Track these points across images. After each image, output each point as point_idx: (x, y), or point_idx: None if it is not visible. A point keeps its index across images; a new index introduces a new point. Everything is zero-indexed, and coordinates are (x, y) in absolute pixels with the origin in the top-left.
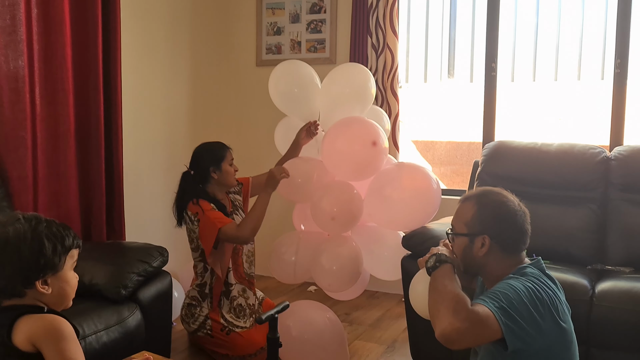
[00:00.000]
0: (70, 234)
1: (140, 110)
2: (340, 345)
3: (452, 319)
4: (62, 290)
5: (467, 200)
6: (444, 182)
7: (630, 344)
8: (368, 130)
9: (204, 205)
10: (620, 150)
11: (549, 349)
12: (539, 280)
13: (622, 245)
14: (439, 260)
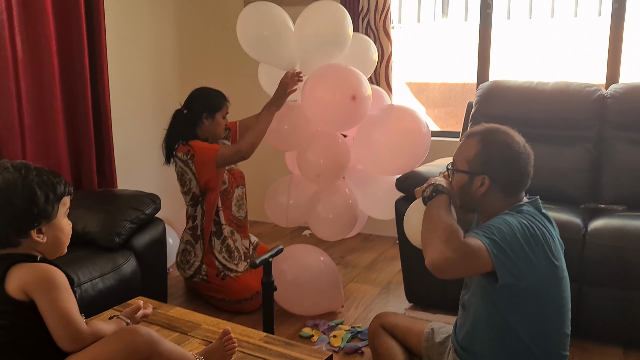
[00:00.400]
0: (61, 181)
1: (125, 54)
2: (335, 288)
3: (443, 248)
4: (57, 238)
5: (471, 136)
6: (438, 124)
7: (621, 281)
8: (347, 82)
9: (194, 144)
10: (616, 88)
11: (539, 285)
12: (534, 218)
13: (616, 184)
14: (435, 190)
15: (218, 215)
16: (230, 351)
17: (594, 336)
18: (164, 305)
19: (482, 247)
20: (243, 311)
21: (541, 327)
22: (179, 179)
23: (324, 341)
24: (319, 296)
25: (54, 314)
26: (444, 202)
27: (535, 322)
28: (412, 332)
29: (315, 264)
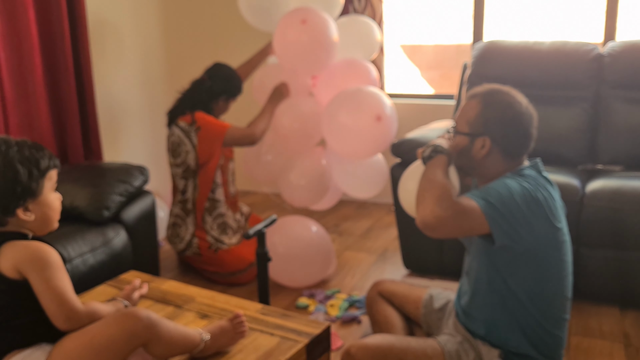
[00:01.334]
0: (44, 155)
1: (107, 20)
2: (328, 256)
3: (434, 206)
4: (45, 214)
5: (473, 97)
6: (433, 86)
7: (618, 242)
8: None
9: (200, 116)
10: (613, 46)
11: (539, 248)
12: (535, 181)
13: (613, 144)
14: (435, 150)
15: (214, 192)
16: (240, 333)
17: (591, 297)
18: (157, 279)
19: (475, 207)
20: (237, 283)
21: (541, 290)
22: (173, 150)
23: (321, 310)
24: (312, 267)
25: (48, 293)
26: (442, 162)
27: (536, 285)
28: (409, 299)
29: (307, 235)
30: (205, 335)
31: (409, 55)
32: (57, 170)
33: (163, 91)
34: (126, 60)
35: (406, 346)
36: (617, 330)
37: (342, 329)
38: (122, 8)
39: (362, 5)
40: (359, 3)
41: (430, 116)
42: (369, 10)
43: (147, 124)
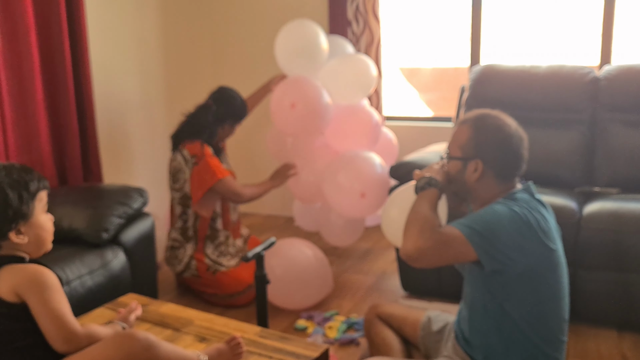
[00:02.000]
0: (33, 177)
1: (108, 43)
2: (325, 279)
3: (416, 237)
4: (38, 236)
5: (463, 123)
6: (431, 108)
7: (616, 264)
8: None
9: (207, 152)
10: (609, 70)
11: (533, 271)
12: (527, 204)
13: (610, 166)
14: (428, 183)
15: (215, 222)
16: (238, 355)
17: (589, 319)
18: (155, 302)
19: (457, 235)
20: (235, 305)
21: (538, 313)
22: (173, 174)
23: (319, 333)
24: (309, 289)
25: (47, 315)
26: (432, 195)
27: (532, 307)
28: (408, 321)
29: (305, 258)
30: (203, 357)
31: (408, 77)
32: (47, 191)
33: (163, 113)
34: (126, 82)
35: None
36: (615, 352)
37: (340, 351)
38: (123, 31)
39: (360, 28)
40: (357, 26)
41: (429, 138)
42: (367, 33)
43: (147, 146)
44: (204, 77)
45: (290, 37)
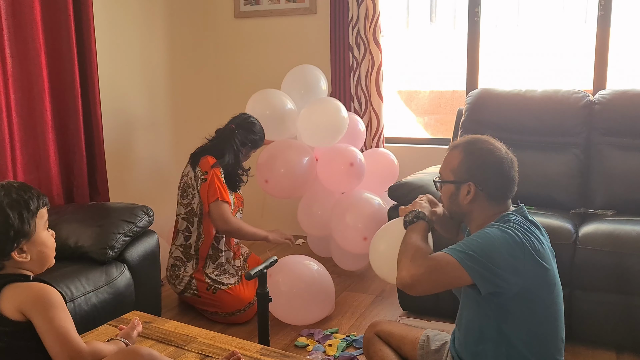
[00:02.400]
0: (33, 195)
1: (116, 67)
2: (329, 297)
3: (409, 266)
4: (41, 253)
5: (454, 148)
6: (428, 131)
7: (612, 285)
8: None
9: (217, 173)
10: (603, 94)
11: (529, 291)
12: (520, 226)
13: (605, 189)
14: (417, 216)
15: (218, 243)
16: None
17: (586, 340)
18: (158, 319)
19: (450, 260)
20: (237, 322)
21: (535, 333)
22: (183, 189)
23: (319, 350)
24: (313, 306)
25: (51, 333)
26: (421, 227)
27: (529, 328)
28: (406, 340)
29: (309, 274)
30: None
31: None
32: (47, 207)
33: (168, 134)
34: (134, 103)
35: None
36: None
37: None
38: (131, 53)
39: (361, 53)
40: (358, 52)
41: (427, 160)
42: (368, 57)
43: (153, 165)
44: (209, 99)
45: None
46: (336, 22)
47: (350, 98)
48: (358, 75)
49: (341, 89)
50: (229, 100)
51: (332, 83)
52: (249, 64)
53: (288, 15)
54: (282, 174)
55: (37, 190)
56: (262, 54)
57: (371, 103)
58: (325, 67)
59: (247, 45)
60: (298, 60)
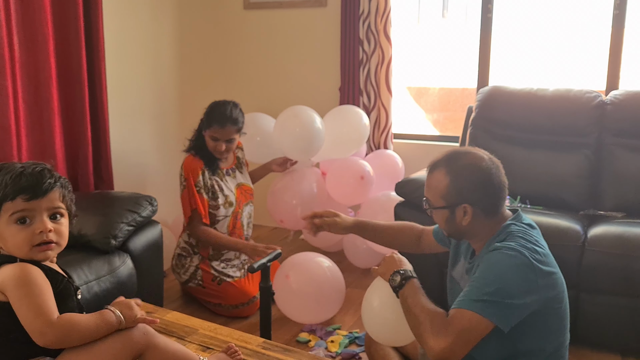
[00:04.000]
0: (1, 186)
1: (123, 55)
2: (339, 296)
3: (435, 340)
4: (5, 246)
5: (435, 169)
6: (437, 128)
7: (619, 288)
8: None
9: (193, 176)
10: (616, 95)
11: (544, 305)
12: (523, 238)
13: (615, 191)
14: (404, 278)
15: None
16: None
17: (592, 343)
18: (160, 310)
19: (471, 317)
20: (240, 316)
21: (545, 342)
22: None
23: (321, 346)
24: (325, 306)
25: (23, 309)
26: (415, 287)
27: (540, 339)
28: None
29: (321, 272)
30: (204, 359)
31: (416, 97)
32: (25, 198)
33: (174, 124)
34: (140, 92)
35: None
36: None
37: None
38: (139, 43)
39: (371, 48)
40: (368, 45)
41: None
42: (378, 52)
43: (158, 156)
44: (217, 90)
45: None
46: (347, 15)
47: (359, 92)
48: (367, 70)
49: (350, 83)
50: (236, 92)
51: (342, 77)
52: (258, 56)
53: (298, 7)
54: (295, 206)
55: (11, 180)
56: (271, 46)
57: (380, 98)
58: (335, 60)
59: (256, 36)
60: (308, 53)
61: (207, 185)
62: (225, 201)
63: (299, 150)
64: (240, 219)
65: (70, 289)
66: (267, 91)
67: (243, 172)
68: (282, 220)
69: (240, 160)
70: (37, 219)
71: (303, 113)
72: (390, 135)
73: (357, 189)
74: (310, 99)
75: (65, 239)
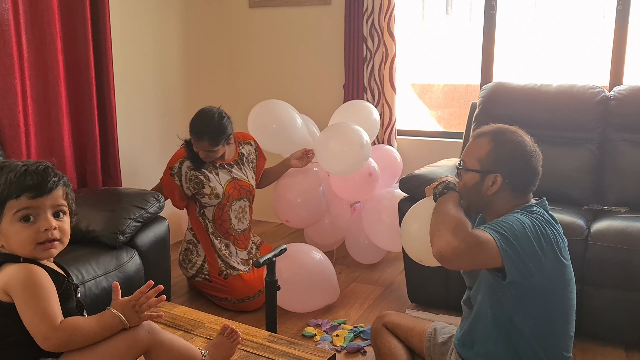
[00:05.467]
0: (6, 184)
1: (130, 52)
2: (331, 282)
3: (450, 238)
4: (7, 244)
5: (482, 135)
6: (441, 125)
7: (623, 282)
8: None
9: (172, 162)
10: (619, 90)
11: (547, 286)
12: (544, 218)
13: (619, 186)
14: (447, 187)
15: (207, 228)
16: (235, 342)
17: (596, 337)
18: (167, 304)
19: (490, 239)
20: (246, 310)
21: (546, 327)
22: None
23: (327, 340)
24: (316, 293)
25: (27, 312)
26: (455, 197)
27: (541, 322)
28: (414, 332)
29: (311, 262)
30: (205, 351)
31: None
32: (30, 196)
33: (181, 122)
34: (147, 91)
35: None
36: None
37: (347, 359)
38: (146, 42)
39: (375, 45)
40: (372, 43)
41: (439, 153)
42: (382, 50)
43: (165, 153)
44: (222, 88)
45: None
46: (351, 13)
47: (363, 89)
48: (371, 67)
49: (354, 80)
50: (241, 89)
51: (346, 74)
52: (263, 54)
53: (303, 5)
54: (299, 204)
55: (12, 179)
56: (275, 44)
57: (384, 95)
58: (339, 57)
59: (261, 34)
60: (312, 51)
61: (188, 175)
62: (211, 192)
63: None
64: (227, 212)
65: (71, 289)
66: (272, 89)
67: (243, 168)
68: (288, 220)
69: (243, 156)
70: (41, 217)
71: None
72: (395, 132)
73: (364, 186)
74: (315, 96)
75: (67, 236)
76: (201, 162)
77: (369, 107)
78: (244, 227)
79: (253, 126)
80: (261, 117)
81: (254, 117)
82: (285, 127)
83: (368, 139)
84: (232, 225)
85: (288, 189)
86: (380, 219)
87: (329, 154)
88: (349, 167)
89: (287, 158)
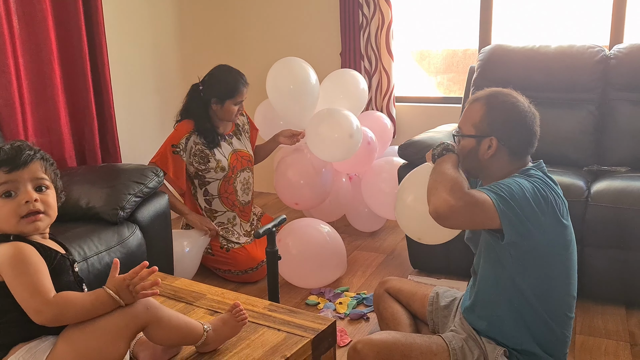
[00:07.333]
0: None
1: (124, 29)
2: (340, 258)
3: (447, 196)
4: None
5: (475, 101)
6: (441, 90)
7: (623, 242)
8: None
9: (175, 139)
10: (619, 49)
11: (547, 246)
12: (543, 181)
13: (619, 145)
14: (445, 149)
15: (209, 203)
16: (241, 322)
17: (596, 297)
18: (169, 277)
19: (487, 200)
20: (249, 281)
21: (548, 288)
22: None
23: (330, 308)
24: (324, 269)
25: (18, 288)
26: (453, 159)
27: (543, 283)
28: (416, 297)
29: (320, 236)
30: (207, 327)
31: (419, 60)
32: (4, 173)
33: (178, 96)
34: (143, 65)
35: (411, 342)
36: (623, 329)
37: (350, 326)
38: (140, 15)
39: (371, 11)
40: (368, 9)
41: (438, 119)
42: (378, 16)
43: (162, 128)
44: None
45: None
46: None
47: (360, 57)
48: (368, 34)
49: (351, 47)
50: (237, 58)
51: (342, 41)
52: (258, 23)
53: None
54: (303, 185)
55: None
56: (271, 12)
57: (381, 62)
58: (335, 25)
59: (257, 3)
60: (308, 19)
61: (193, 150)
62: (217, 165)
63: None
64: (233, 184)
65: (65, 264)
66: (269, 58)
67: (242, 139)
68: (297, 203)
69: (239, 127)
70: (21, 190)
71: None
72: (393, 99)
73: (363, 156)
74: (312, 64)
75: (54, 209)
76: (216, 136)
77: (356, 77)
78: (248, 198)
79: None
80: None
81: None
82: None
83: (358, 123)
84: (237, 197)
85: (291, 171)
86: (379, 188)
87: (319, 142)
88: (340, 155)
89: (277, 135)
